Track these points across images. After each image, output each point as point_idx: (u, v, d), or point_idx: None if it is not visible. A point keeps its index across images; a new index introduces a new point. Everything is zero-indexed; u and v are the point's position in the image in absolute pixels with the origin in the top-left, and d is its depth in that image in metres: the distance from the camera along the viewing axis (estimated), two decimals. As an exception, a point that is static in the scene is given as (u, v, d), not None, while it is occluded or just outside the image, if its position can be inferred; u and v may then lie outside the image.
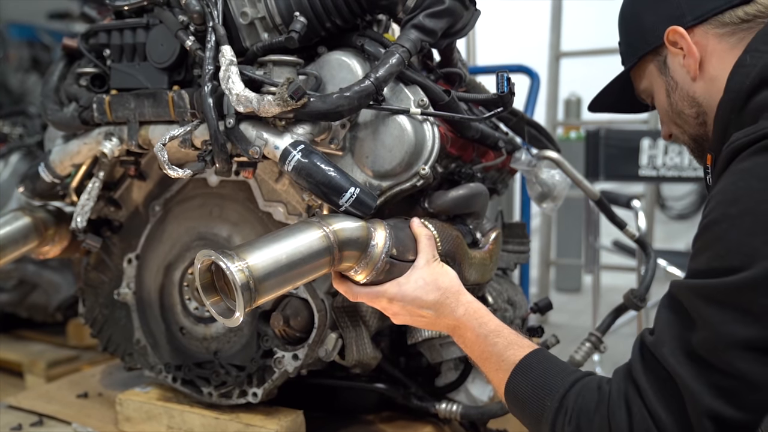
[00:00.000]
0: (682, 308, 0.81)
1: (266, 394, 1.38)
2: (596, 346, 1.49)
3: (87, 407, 1.67)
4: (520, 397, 0.94)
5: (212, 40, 1.18)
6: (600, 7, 5.83)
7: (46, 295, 2.43)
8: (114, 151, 1.37)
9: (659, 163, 3.10)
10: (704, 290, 0.79)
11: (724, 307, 0.77)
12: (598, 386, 0.86)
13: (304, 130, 1.15)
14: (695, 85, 1.01)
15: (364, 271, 1.05)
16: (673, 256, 2.88)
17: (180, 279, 1.49)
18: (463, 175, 1.36)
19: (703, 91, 1.00)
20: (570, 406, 0.86)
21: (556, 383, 0.90)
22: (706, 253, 0.81)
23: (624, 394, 0.83)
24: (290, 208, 1.35)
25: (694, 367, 0.77)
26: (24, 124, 2.63)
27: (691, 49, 0.99)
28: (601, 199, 1.69)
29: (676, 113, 1.07)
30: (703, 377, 0.77)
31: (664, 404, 0.79)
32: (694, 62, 1.00)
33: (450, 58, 1.46)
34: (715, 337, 0.77)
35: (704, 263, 0.81)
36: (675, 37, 1.01)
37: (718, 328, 0.77)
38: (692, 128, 1.06)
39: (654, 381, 0.81)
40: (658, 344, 0.82)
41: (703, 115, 1.02)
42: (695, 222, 5.31)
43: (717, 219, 0.81)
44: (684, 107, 1.04)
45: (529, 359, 0.95)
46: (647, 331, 0.85)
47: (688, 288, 0.81)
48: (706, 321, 0.78)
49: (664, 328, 0.83)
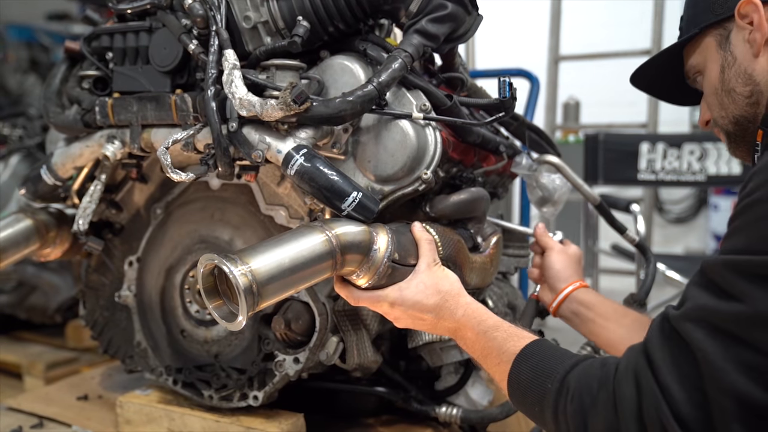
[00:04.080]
0: (713, 283, 0.77)
1: (267, 398, 1.38)
2: (596, 350, 1.49)
3: (87, 409, 1.67)
4: (522, 386, 0.92)
5: (215, 44, 1.18)
6: (598, 11, 5.86)
7: (46, 297, 2.43)
8: (116, 154, 1.37)
9: (658, 167, 3.11)
10: (743, 265, 0.74)
11: (764, 283, 0.72)
12: (602, 364, 0.83)
13: (307, 135, 1.16)
14: (756, 63, 0.97)
15: (366, 275, 1.06)
16: (671, 260, 2.89)
17: (181, 282, 1.49)
18: (465, 180, 1.36)
19: (764, 69, 0.97)
20: (572, 385, 0.83)
21: (557, 366, 0.87)
22: (745, 232, 0.77)
23: (633, 368, 0.79)
24: (292, 211, 1.35)
25: (722, 342, 0.73)
26: (24, 126, 2.63)
27: (762, 23, 0.95)
28: (601, 203, 1.69)
29: (725, 91, 1.02)
30: (730, 353, 0.72)
31: (679, 380, 0.75)
32: (761, 37, 0.96)
33: (452, 62, 1.47)
34: (752, 313, 0.72)
35: (743, 242, 0.77)
36: (747, 9, 0.97)
37: (757, 303, 0.72)
38: (739, 109, 1.01)
39: (670, 355, 0.77)
40: (682, 318, 0.78)
41: (757, 94, 0.98)
42: (693, 226, 5.30)
43: (759, 198, 0.76)
44: (737, 85, 1.00)
45: (529, 348, 0.94)
46: (671, 306, 0.81)
47: (725, 264, 0.77)
48: (744, 296, 0.73)
49: (691, 302, 0.78)
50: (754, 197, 0.77)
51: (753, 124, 1.00)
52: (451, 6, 1.21)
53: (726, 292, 0.75)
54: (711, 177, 3.10)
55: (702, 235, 6.12)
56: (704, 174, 3.11)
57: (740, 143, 1.04)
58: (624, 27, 4.96)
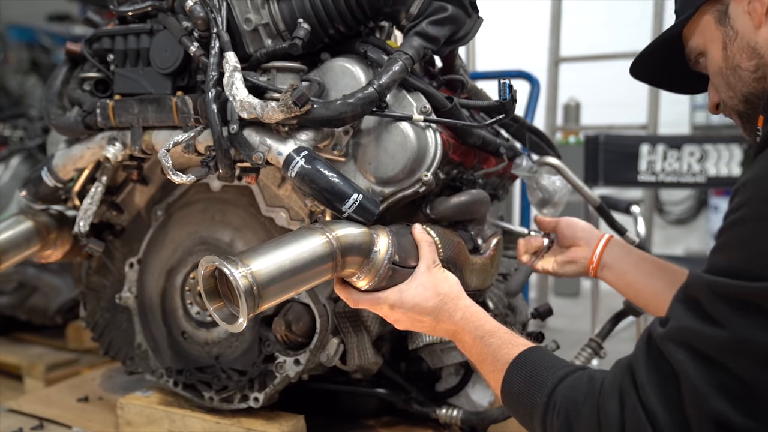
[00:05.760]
0: (698, 304, 0.76)
1: (267, 399, 1.39)
2: (596, 351, 1.49)
3: (88, 411, 1.68)
4: (514, 395, 0.92)
5: (216, 46, 1.18)
6: (599, 12, 5.86)
7: (46, 298, 2.43)
8: (117, 156, 1.37)
9: (658, 169, 3.11)
10: (726, 290, 0.73)
11: (746, 310, 0.71)
12: (589, 378, 0.83)
13: (308, 137, 1.16)
14: (758, 34, 0.92)
15: (366, 277, 1.06)
16: (671, 261, 2.88)
17: (182, 283, 1.49)
18: (465, 182, 1.36)
19: (767, 41, 0.91)
20: (559, 399, 0.83)
21: (547, 378, 0.87)
22: (732, 252, 0.76)
23: (619, 385, 0.78)
24: (292, 213, 1.36)
25: (704, 366, 0.72)
26: (25, 127, 2.63)
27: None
28: (601, 205, 1.69)
29: (731, 69, 0.97)
30: (712, 378, 0.72)
31: (663, 402, 0.74)
32: (761, 6, 0.91)
33: (452, 64, 1.47)
34: (733, 340, 0.71)
35: (728, 262, 0.75)
36: None
37: (737, 330, 0.71)
38: (746, 86, 0.96)
39: (655, 376, 0.76)
40: (665, 338, 0.77)
41: (763, 68, 0.93)
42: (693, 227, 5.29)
43: (748, 217, 0.74)
44: (742, 60, 0.95)
45: (522, 356, 0.93)
46: (657, 321, 0.80)
47: (709, 285, 0.75)
48: (726, 321, 0.72)
49: (675, 322, 0.77)
50: (739, 215, 0.76)
51: (763, 101, 0.95)
52: (452, 8, 1.21)
53: (709, 316, 0.74)
54: (711, 178, 3.10)
55: (702, 237, 6.12)
56: (704, 175, 3.11)
57: (753, 123, 0.99)
58: (624, 28, 4.96)
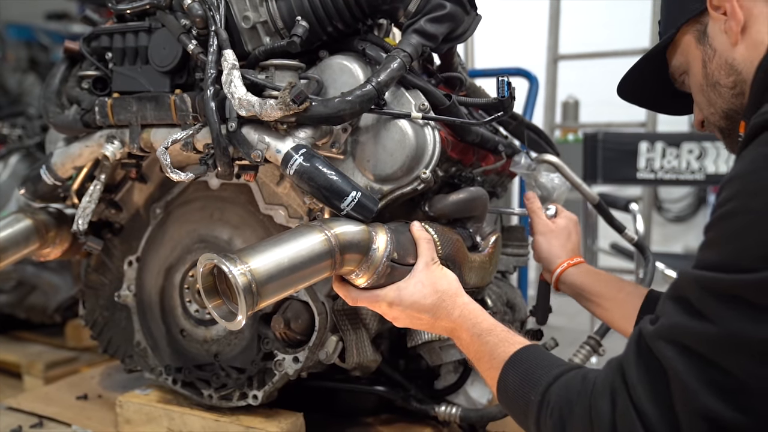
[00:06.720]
0: (686, 300, 0.76)
1: (266, 397, 1.39)
2: (595, 349, 1.50)
3: (87, 409, 1.68)
4: (509, 393, 0.92)
5: (215, 44, 1.18)
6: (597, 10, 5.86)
7: (45, 297, 2.43)
8: (116, 154, 1.37)
9: (657, 166, 3.12)
10: (715, 284, 0.73)
11: (736, 304, 0.71)
12: (583, 377, 0.83)
13: (306, 134, 1.16)
14: (735, 51, 0.95)
15: (365, 274, 1.06)
16: (670, 259, 2.89)
17: (181, 281, 1.49)
18: (464, 179, 1.36)
19: (744, 57, 0.94)
20: (552, 398, 0.84)
21: (542, 377, 0.87)
22: (720, 247, 0.76)
23: (610, 384, 0.78)
24: (291, 211, 1.36)
25: (693, 362, 0.73)
26: (23, 126, 2.63)
27: (734, 10, 0.94)
28: (600, 202, 1.69)
29: (710, 86, 1.01)
30: (701, 374, 0.72)
31: (654, 399, 0.75)
32: (737, 25, 0.94)
33: (450, 62, 1.47)
34: (723, 334, 0.71)
35: (717, 257, 0.75)
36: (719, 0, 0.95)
37: (726, 324, 0.71)
38: (726, 102, 0.99)
39: (645, 374, 0.76)
40: (655, 336, 0.77)
41: (741, 84, 0.96)
42: (692, 224, 5.30)
43: (735, 210, 0.74)
44: (720, 77, 0.98)
45: (518, 355, 0.94)
46: (648, 320, 0.81)
47: (697, 280, 0.76)
48: (715, 316, 0.72)
49: (665, 319, 0.78)
50: (727, 208, 0.76)
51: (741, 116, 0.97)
52: (450, 6, 1.21)
53: (698, 312, 0.74)
54: (710, 176, 3.11)
55: (701, 234, 6.09)
56: (703, 173, 3.11)
57: (735, 138, 1.02)
58: (623, 26, 4.96)
